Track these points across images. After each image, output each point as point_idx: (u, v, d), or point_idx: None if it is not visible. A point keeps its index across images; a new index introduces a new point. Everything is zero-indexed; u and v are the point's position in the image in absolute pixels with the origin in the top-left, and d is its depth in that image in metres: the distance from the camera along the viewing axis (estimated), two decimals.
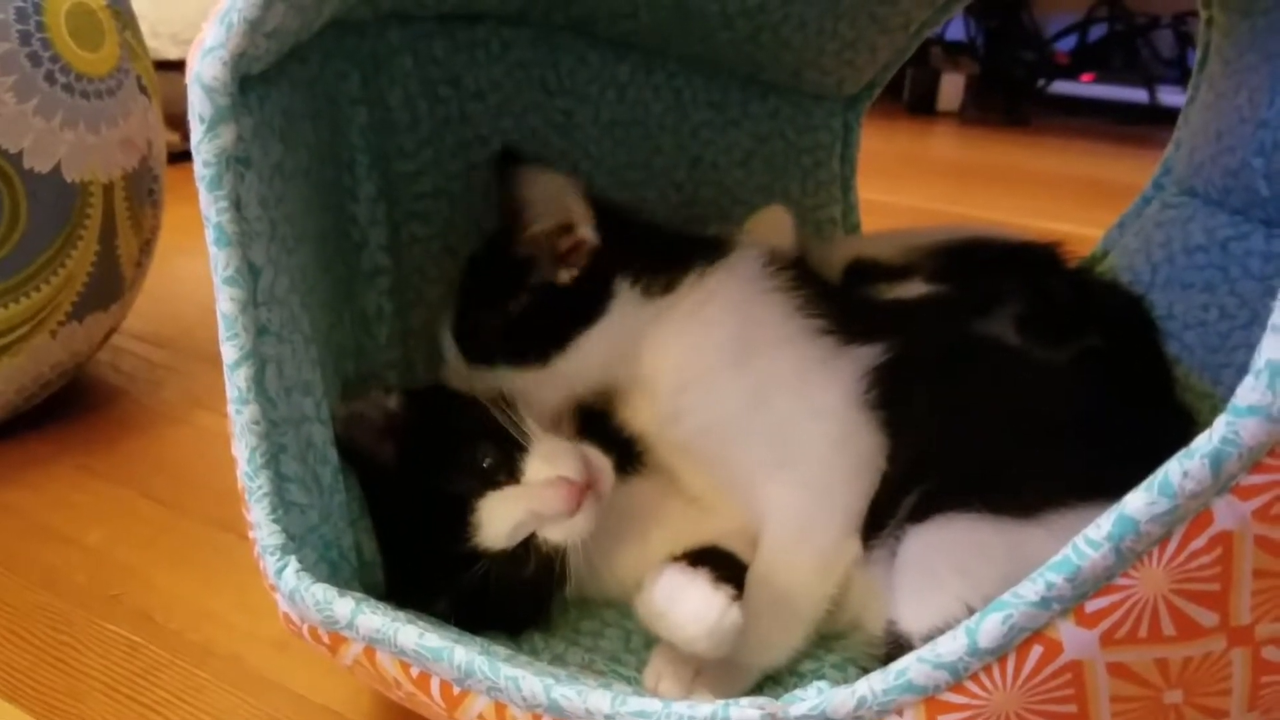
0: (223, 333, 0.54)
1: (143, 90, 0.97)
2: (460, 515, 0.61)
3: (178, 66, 0.55)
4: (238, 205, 0.52)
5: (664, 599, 0.59)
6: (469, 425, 0.64)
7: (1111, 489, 0.55)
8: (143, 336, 1.19)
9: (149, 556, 0.80)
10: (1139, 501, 0.38)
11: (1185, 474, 0.37)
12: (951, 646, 0.42)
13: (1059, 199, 1.93)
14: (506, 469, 0.63)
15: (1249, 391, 0.35)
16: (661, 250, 0.71)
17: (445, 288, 0.81)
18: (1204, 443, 0.37)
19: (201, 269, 0.54)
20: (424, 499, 0.63)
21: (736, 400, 0.67)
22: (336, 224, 0.72)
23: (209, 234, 0.52)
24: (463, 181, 0.82)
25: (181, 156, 0.91)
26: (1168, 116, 2.39)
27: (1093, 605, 0.40)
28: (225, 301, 0.53)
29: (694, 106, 0.95)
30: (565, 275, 0.68)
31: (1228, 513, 0.38)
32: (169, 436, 0.99)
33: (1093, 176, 2.15)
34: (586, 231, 0.67)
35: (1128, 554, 0.39)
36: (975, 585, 0.53)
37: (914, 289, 0.78)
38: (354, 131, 0.73)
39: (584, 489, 0.61)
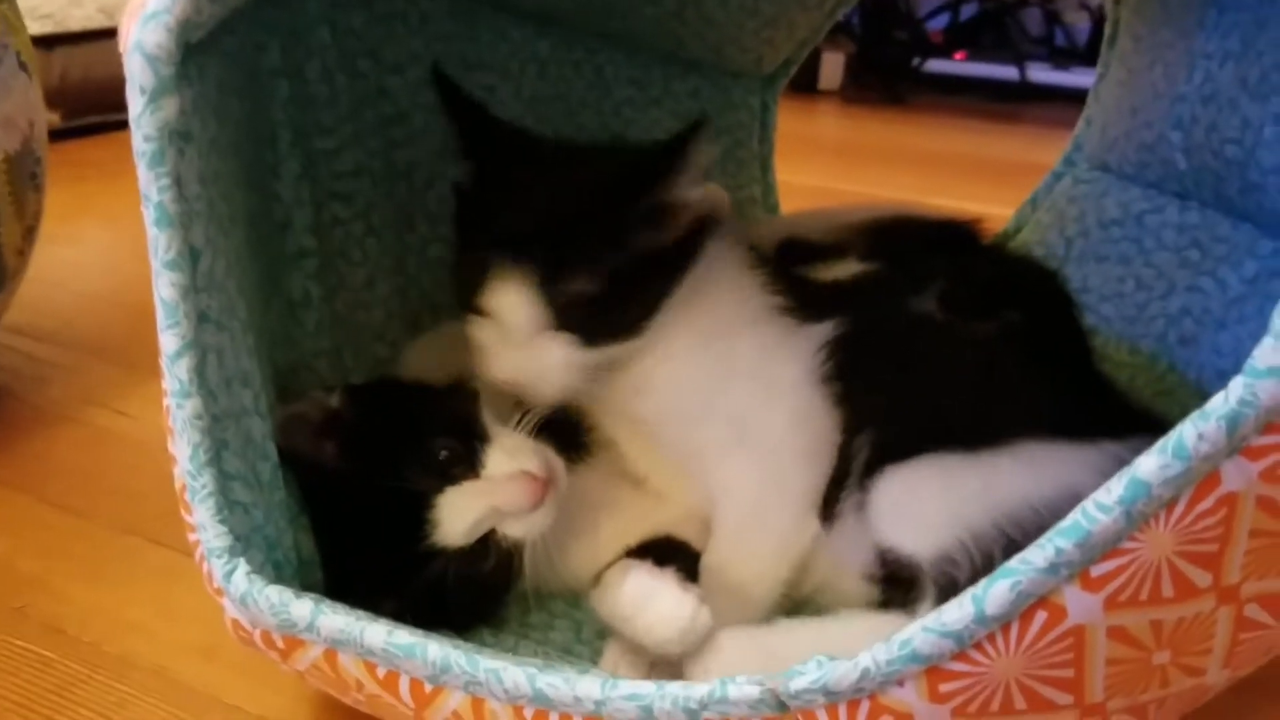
0: (162, 321, 0.50)
1: (22, 67, 0.90)
2: (414, 512, 0.58)
3: (41, 42, 0.51)
4: (179, 183, 0.48)
5: (632, 602, 0.59)
6: (423, 418, 0.61)
7: (1068, 428, 0.59)
8: (20, 330, 1.10)
9: (54, 565, 0.75)
10: (1151, 464, 0.38)
11: (1200, 436, 0.37)
12: (958, 615, 0.42)
13: (939, 175, 1.98)
14: (466, 463, 0.60)
15: (1269, 353, 0.36)
16: None
17: (369, 272, 0.77)
18: (1220, 404, 0.37)
19: (77, 256, 0.50)
20: (373, 496, 0.59)
21: (700, 378, 0.66)
22: (262, 204, 0.68)
23: (148, 214, 0.48)
24: (383, 159, 0.79)
25: (58, 136, 0.86)
26: (1037, 94, 2.50)
27: (1099, 569, 0.40)
28: (166, 287, 0.49)
29: (616, 84, 0.93)
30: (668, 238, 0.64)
31: (1236, 474, 0.38)
32: (62, 437, 0.93)
33: (969, 153, 2.21)
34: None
35: (1137, 517, 0.39)
36: (961, 510, 0.56)
37: (849, 267, 0.78)
38: (275, 106, 0.70)
39: (546, 484, 0.59)
